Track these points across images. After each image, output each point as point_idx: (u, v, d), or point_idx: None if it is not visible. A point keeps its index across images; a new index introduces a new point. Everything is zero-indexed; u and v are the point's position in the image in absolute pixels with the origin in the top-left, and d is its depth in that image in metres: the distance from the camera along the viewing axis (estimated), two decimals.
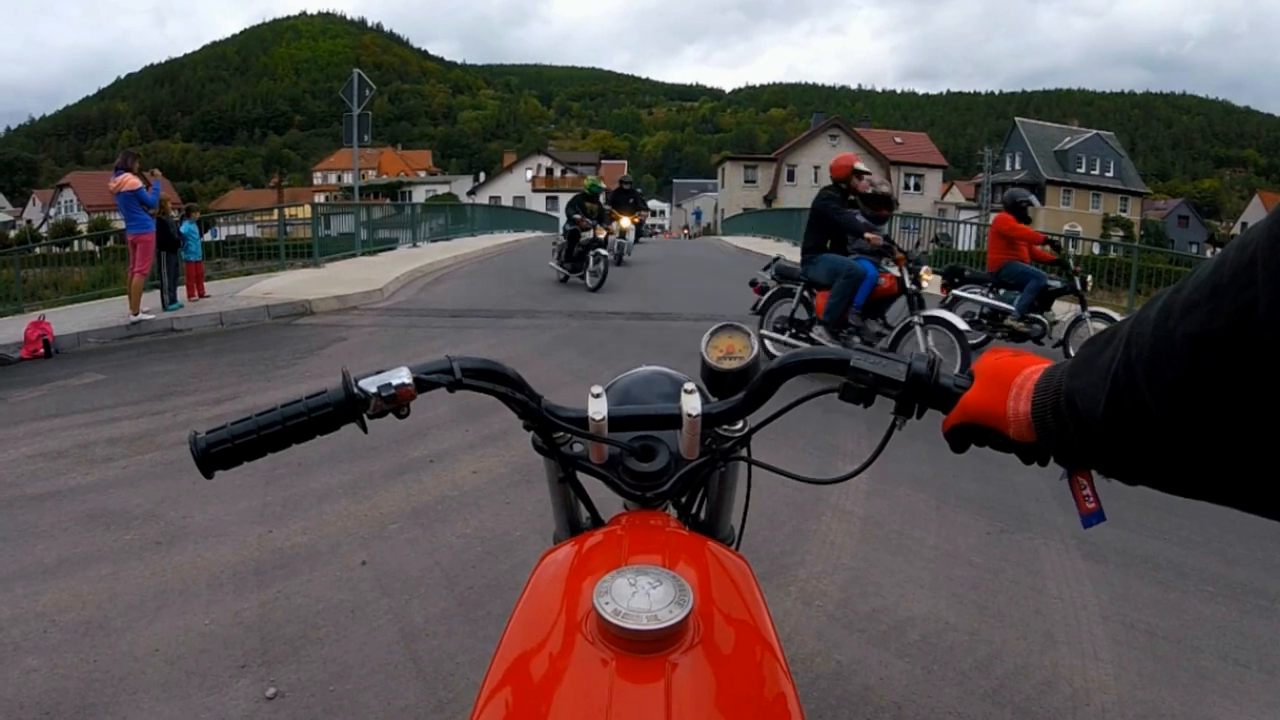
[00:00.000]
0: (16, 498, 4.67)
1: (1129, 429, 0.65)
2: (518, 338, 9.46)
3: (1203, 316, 0.55)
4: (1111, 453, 0.70)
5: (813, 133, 65.04)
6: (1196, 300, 0.56)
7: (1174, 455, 0.62)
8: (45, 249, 19.90)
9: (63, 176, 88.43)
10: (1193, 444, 0.59)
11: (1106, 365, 0.67)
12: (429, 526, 4.19)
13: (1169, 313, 0.59)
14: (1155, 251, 24.89)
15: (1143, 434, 0.63)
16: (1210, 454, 0.58)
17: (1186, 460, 0.61)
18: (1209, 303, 0.55)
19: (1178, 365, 0.57)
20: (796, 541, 4.04)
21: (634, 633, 0.76)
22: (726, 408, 1.14)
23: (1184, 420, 0.58)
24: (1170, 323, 0.58)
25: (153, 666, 2.98)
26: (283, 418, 1.01)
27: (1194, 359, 0.56)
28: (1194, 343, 0.56)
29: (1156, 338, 0.60)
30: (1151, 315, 0.62)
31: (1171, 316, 0.59)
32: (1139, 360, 0.62)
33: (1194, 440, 0.59)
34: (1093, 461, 0.76)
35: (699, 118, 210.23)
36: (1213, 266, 0.57)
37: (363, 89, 18.40)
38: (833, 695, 2.84)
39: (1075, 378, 0.73)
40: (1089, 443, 0.72)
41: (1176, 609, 3.55)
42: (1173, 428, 0.60)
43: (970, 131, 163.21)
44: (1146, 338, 0.61)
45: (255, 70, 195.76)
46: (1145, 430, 0.63)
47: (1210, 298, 0.55)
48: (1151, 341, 0.60)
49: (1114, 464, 0.72)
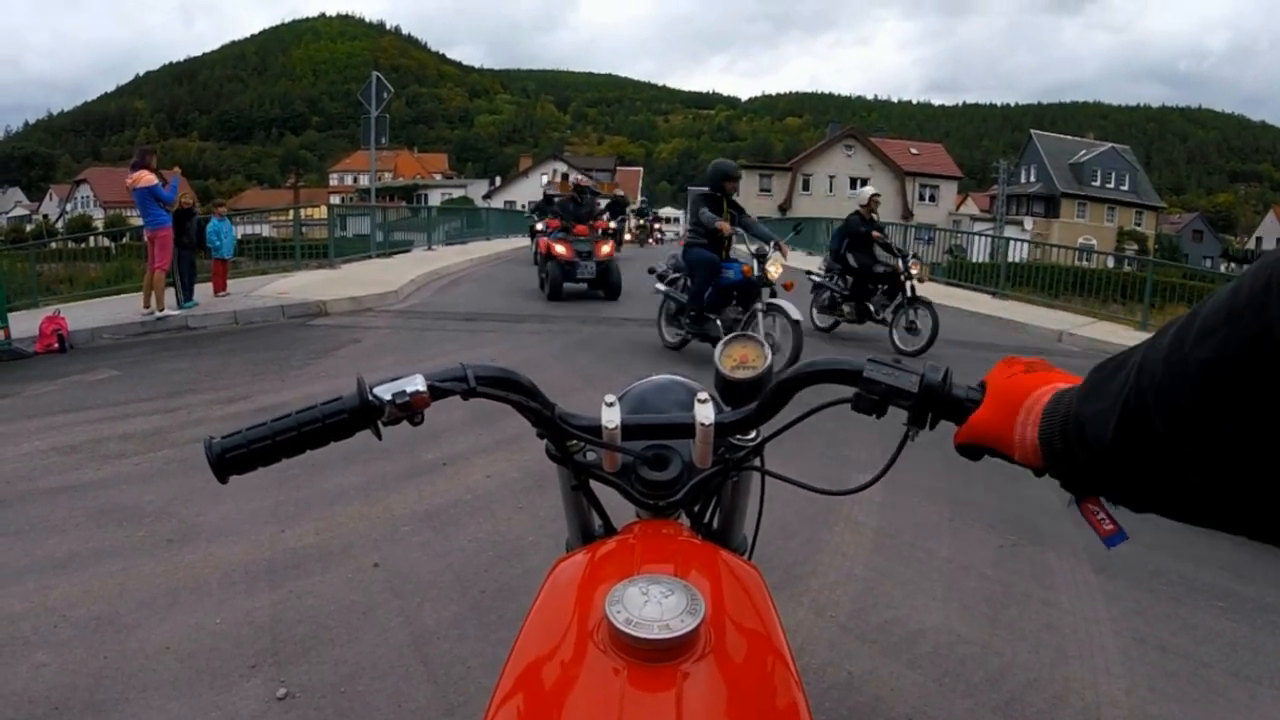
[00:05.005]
0: (29, 492, 4.69)
1: (1139, 455, 0.64)
2: (532, 341, 9.49)
3: (1218, 342, 0.55)
4: (1120, 479, 0.69)
5: (828, 142, 64.85)
6: (1212, 326, 0.56)
7: (1184, 482, 0.61)
8: (61, 244, 19.97)
9: (80, 172, 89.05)
10: (1203, 470, 0.59)
11: (1117, 391, 0.66)
12: (441, 529, 4.20)
13: (1183, 339, 0.59)
14: (1169, 266, 24.86)
15: (1153, 460, 0.63)
16: (1221, 480, 0.58)
17: (1196, 487, 0.60)
18: (1224, 328, 0.55)
19: (1191, 391, 0.57)
20: (809, 552, 4.03)
21: (646, 642, 0.76)
22: (740, 417, 1.14)
23: (1195, 446, 0.58)
24: (1184, 348, 0.58)
25: (163, 664, 2.98)
26: (297, 424, 1.01)
27: (1208, 384, 0.56)
28: (1208, 368, 0.56)
29: (1170, 363, 0.59)
30: (1165, 342, 0.61)
31: (1186, 342, 0.58)
32: (1151, 386, 0.61)
33: (1205, 466, 0.58)
34: (1101, 488, 0.75)
35: (715, 125, 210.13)
36: (1228, 292, 0.56)
37: (381, 91, 18.46)
38: (844, 706, 2.83)
39: (1085, 403, 0.72)
40: (1098, 469, 0.71)
41: (1188, 624, 3.53)
42: (1183, 454, 0.59)
43: (986, 143, 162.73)
44: (1159, 364, 0.61)
45: (274, 70, 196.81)
46: (1155, 456, 0.62)
47: (1226, 323, 0.55)
48: (1165, 367, 0.60)
49: (1123, 490, 0.71)
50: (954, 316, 13.39)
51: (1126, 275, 17.59)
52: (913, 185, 59.60)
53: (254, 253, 18.23)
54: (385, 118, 18.96)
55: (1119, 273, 18.92)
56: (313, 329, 10.26)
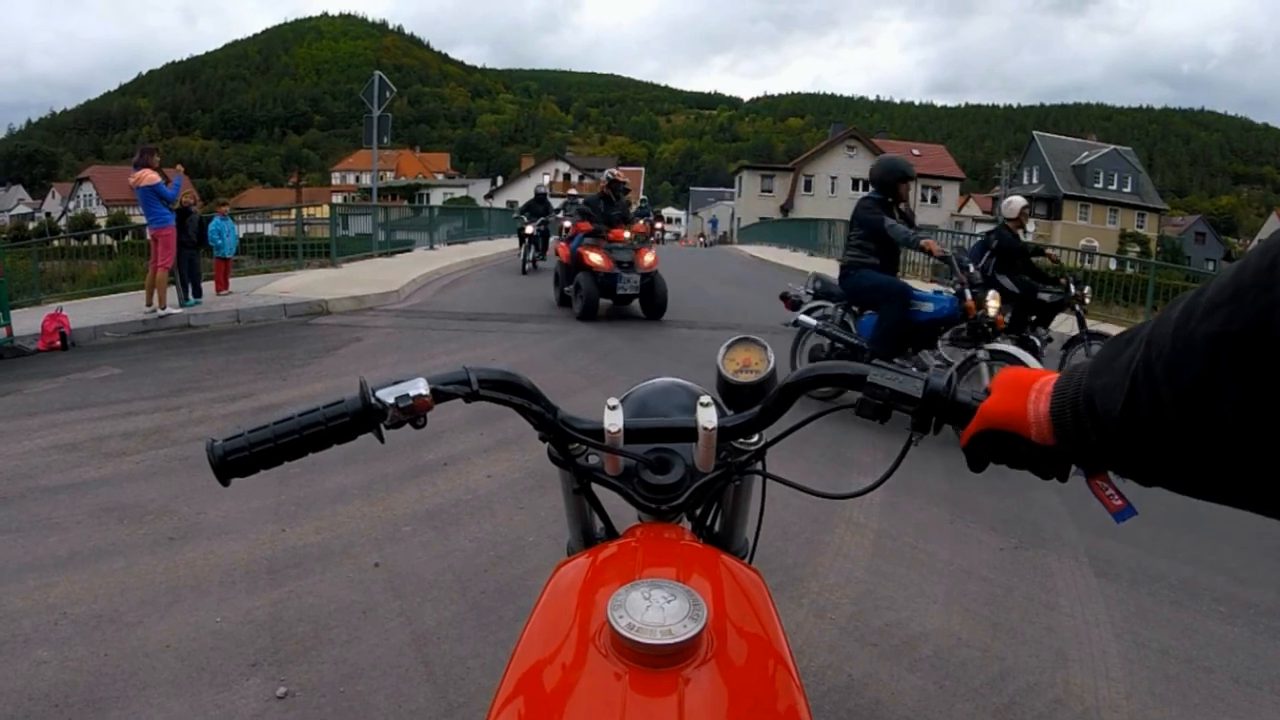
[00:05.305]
0: (30, 489, 4.69)
1: (1146, 428, 0.65)
2: (533, 342, 9.48)
3: (1224, 317, 0.57)
4: (1128, 452, 0.70)
5: (830, 143, 64.91)
6: (1218, 302, 0.58)
7: (1190, 454, 0.63)
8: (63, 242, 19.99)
9: (82, 170, 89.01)
10: (1209, 443, 0.60)
11: (1126, 365, 0.67)
12: (442, 529, 4.20)
13: (1190, 314, 0.60)
14: (1172, 268, 24.82)
15: (1160, 433, 0.64)
16: (1225, 453, 0.59)
17: (1202, 460, 0.62)
18: (1230, 304, 0.56)
19: (1197, 364, 0.59)
20: (810, 554, 4.03)
21: (648, 647, 0.76)
22: (742, 421, 1.14)
23: (1201, 419, 0.59)
24: (1191, 323, 0.59)
25: (163, 662, 2.98)
26: (299, 427, 1.01)
27: (1213, 359, 0.57)
28: (1214, 343, 0.57)
29: (1177, 337, 0.61)
30: (1173, 316, 0.62)
31: (1193, 317, 0.60)
32: (1159, 359, 0.62)
33: (1210, 439, 0.60)
34: (1110, 462, 0.76)
35: (717, 126, 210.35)
36: (1235, 270, 0.58)
37: (383, 91, 18.46)
38: (844, 709, 2.83)
39: (1095, 377, 0.73)
40: (1106, 442, 0.72)
41: (1189, 629, 3.52)
42: (1189, 426, 0.61)
43: (989, 145, 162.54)
44: (1167, 338, 0.62)
45: (276, 69, 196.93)
46: (1162, 429, 0.63)
47: (1231, 299, 0.56)
48: (1172, 341, 0.61)
49: (1130, 463, 0.72)
50: None
51: (1129, 277, 17.53)
52: (915, 187, 59.35)
53: (256, 251, 18.26)
54: (387, 117, 18.97)
55: (1121, 275, 18.88)
56: (314, 328, 10.26)
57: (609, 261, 10.73)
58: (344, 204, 35.30)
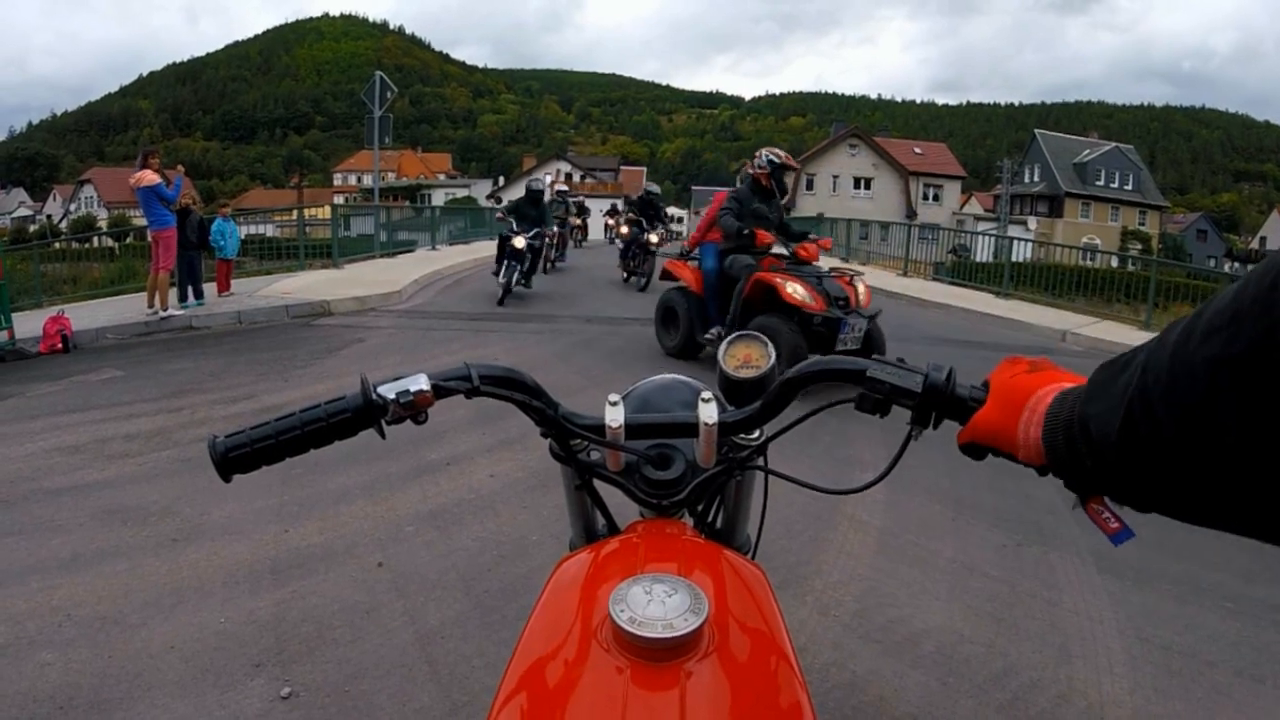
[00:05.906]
0: (33, 492, 4.70)
1: (1143, 454, 0.64)
2: (535, 342, 9.48)
3: (1223, 341, 0.55)
4: (1125, 478, 0.69)
5: (832, 141, 64.68)
6: (1217, 325, 0.56)
7: (1188, 481, 0.61)
8: (65, 244, 19.99)
9: (84, 172, 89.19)
10: (1208, 468, 0.59)
11: (1121, 391, 0.66)
12: (445, 529, 4.20)
13: (1188, 338, 0.59)
14: (1173, 265, 24.83)
15: (1157, 459, 0.63)
16: (1224, 480, 0.58)
17: (1200, 486, 0.61)
18: (1230, 327, 0.55)
19: (1196, 389, 0.57)
20: (813, 551, 4.03)
21: (649, 641, 0.76)
22: (743, 416, 1.14)
23: (1200, 445, 0.58)
24: (1189, 347, 0.58)
25: (167, 663, 2.99)
26: (301, 423, 1.02)
27: (1213, 383, 0.56)
28: (1213, 367, 0.56)
29: (1175, 362, 0.60)
30: (1169, 341, 0.61)
31: (1190, 341, 0.59)
32: (1156, 385, 0.61)
33: (1209, 465, 0.58)
34: (1105, 488, 0.75)
35: (718, 125, 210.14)
36: (1234, 292, 0.57)
37: (384, 91, 18.43)
38: (848, 706, 2.83)
39: (1089, 404, 0.72)
40: (1102, 468, 0.71)
41: (1192, 624, 3.52)
42: (1188, 452, 0.59)
43: (990, 143, 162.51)
44: (1164, 363, 0.61)
45: (277, 70, 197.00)
46: (1160, 455, 0.62)
47: (1231, 322, 0.55)
48: (1169, 366, 0.60)
49: (1127, 490, 0.71)
50: (957, 316, 13.40)
51: (1130, 275, 17.53)
52: (917, 185, 59.56)
53: (258, 252, 18.21)
54: (389, 117, 18.95)
55: (1123, 272, 18.85)
56: (316, 329, 10.26)
57: (820, 301, 7.03)
58: (346, 205, 35.43)
